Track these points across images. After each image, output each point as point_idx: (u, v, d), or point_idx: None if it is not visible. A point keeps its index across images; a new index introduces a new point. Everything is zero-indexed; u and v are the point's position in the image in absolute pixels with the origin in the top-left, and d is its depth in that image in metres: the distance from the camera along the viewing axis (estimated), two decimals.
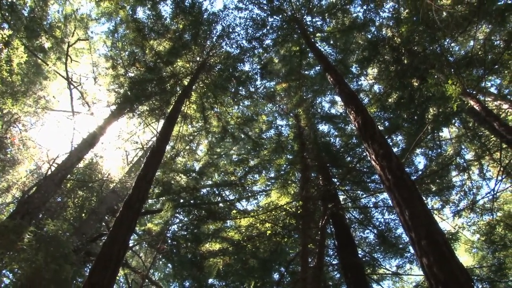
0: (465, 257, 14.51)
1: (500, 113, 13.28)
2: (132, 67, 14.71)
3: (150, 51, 14.07)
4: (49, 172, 14.53)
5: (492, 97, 13.95)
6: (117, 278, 9.52)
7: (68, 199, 17.16)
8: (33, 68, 19.60)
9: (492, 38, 12.67)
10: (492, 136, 12.67)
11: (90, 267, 13.74)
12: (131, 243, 14.58)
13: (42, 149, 18.13)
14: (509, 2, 10.16)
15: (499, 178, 10.93)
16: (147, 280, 15.44)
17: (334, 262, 12.67)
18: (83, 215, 16.73)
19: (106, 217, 16.91)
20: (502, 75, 12.56)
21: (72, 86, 17.60)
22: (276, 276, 12.77)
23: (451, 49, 12.29)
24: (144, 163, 9.34)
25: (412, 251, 11.30)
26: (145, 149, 16.91)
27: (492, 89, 14.62)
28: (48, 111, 19.41)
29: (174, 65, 14.54)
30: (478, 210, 12.40)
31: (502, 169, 11.23)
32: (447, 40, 11.20)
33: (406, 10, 12.05)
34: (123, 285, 19.22)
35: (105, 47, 17.46)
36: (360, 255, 11.22)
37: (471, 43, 13.91)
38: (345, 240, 10.74)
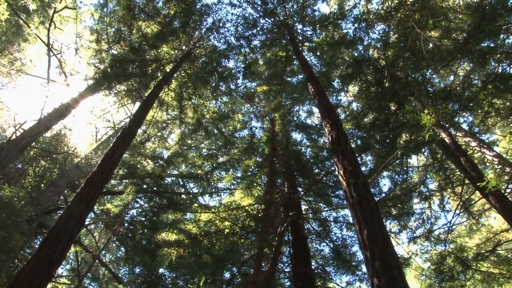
0: (414, 283, 14.83)
1: (468, 149, 13.66)
2: (116, 45, 14.46)
3: (137, 32, 13.86)
4: (14, 137, 14.06)
5: (463, 133, 14.34)
6: (67, 254, 9.32)
7: (29, 167, 16.66)
8: (13, 28, 19.01)
9: (472, 76, 13.05)
10: (457, 170, 13.01)
11: (41, 239, 13.40)
12: (87, 221, 14.30)
13: (10, 112, 17.49)
14: (492, 45, 10.49)
15: (457, 211, 11.26)
16: (97, 261, 15.13)
17: (286, 270, 12.76)
18: (42, 185, 16.29)
19: (66, 191, 16.53)
20: (475, 113, 12.95)
21: (51, 53, 17.12)
22: (227, 275, 12.78)
23: (432, 80, 12.56)
24: (113, 143, 9.23)
25: (364, 270, 11.50)
26: (116, 129, 16.57)
27: (464, 125, 15.07)
28: (22, 74, 18.84)
29: (159, 50, 14.40)
30: (432, 239, 12.71)
31: (461, 203, 11.57)
32: (430, 71, 11.46)
33: (395, 35, 12.26)
34: (72, 262, 18.79)
35: (92, 19, 17.06)
36: (313, 266, 11.33)
37: (451, 77, 14.29)
38: (301, 250, 10.84)
